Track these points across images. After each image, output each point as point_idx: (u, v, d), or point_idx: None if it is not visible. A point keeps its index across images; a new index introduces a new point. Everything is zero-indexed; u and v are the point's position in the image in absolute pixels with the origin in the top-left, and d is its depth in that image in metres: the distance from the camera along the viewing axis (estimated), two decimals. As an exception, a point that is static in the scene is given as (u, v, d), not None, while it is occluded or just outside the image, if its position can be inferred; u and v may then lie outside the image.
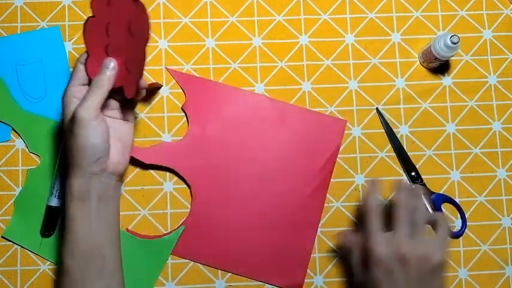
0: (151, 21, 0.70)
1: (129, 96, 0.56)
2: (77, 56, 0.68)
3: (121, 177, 0.60)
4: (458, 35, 0.64)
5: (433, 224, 0.60)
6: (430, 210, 0.65)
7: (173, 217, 0.66)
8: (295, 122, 0.67)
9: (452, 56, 0.66)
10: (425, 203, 0.65)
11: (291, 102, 0.69)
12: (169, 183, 0.67)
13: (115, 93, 0.58)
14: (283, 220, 0.66)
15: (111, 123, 0.59)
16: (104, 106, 0.57)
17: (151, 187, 0.67)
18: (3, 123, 0.67)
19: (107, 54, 0.57)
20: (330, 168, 0.67)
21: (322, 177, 0.66)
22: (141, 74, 0.55)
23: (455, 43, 0.64)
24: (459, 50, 0.65)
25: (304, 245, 0.65)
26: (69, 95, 0.57)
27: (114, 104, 0.60)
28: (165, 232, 0.66)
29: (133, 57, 0.55)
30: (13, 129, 0.67)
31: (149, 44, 0.53)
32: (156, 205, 0.67)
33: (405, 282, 0.55)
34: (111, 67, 0.56)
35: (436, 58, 0.66)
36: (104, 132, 0.55)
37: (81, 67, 0.58)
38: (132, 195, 0.67)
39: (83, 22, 0.57)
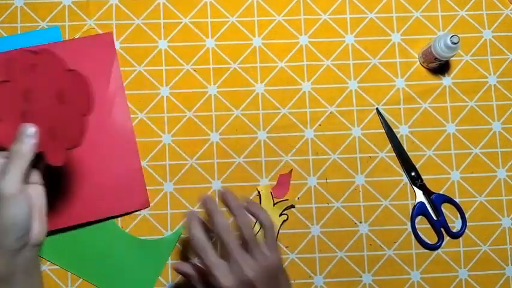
0: (152, 21, 0.70)
1: (55, 163, 0.52)
2: (77, 56, 0.68)
3: (42, 244, 0.53)
4: (458, 35, 0.64)
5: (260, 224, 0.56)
6: (237, 213, 0.55)
7: (173, 217, 0.66)
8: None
9: (452, 56, 0.66)
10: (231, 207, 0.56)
11: (291, 103, 0.69)
12: (169, 183, 0.67)
13: (36, 158, 0.52)
14: (101, 154, 0.66)
15: (30, 190, 0.52)
16: (26, 176, 0.51)
17: (152, 187, 0.67)
18: None
19: (23, 120, 0.52)
20: (119, 84, 0.67)
21: (117, 95, 0.67)
22: (74, 142, 0.52)
23: (455, 43, 0.64)
24: (459, 50, 0.65)
25: (131, 166, 0.66)
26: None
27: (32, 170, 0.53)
28: (165, 232, 0.66)
29: (63, 125, 0.52)
30: None
31: (149, 44, 0.52)
32: (156, 205, 0.67)
33: None
34: (31, 134, 0.51)
35: (436, 58, 0.66)
36: (28, 207, 0.50)
37: None
38: (132, 196, 0.67)
39: (83, 22, 0.57)
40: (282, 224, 0.66)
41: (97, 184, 0.66)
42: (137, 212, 0.66)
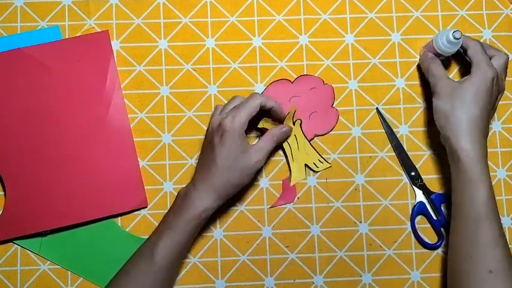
0: (152, 21, 0.70)
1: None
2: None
3: None
4: (460, 31, 0.63)
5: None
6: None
7: (173, 217, 0.66)
8: (60, 59, 0.67)
9: (454, 52, 0.65)
10: None
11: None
12: (169, 183, 0.67)
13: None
14: (99, 153, 0.66)
15: None
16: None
17: (151, 187, 0.67)
18: None
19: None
20: (116, 82, 0.67)
21: (114, 94, 0.67)
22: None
23: (457, 38, 0.63)
24: (460, 47, 0.65)
25: (130, 165, 0.66)
26: (244, 127, 0.60)
27: None
28: (165, 232, 0.66)
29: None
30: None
31: (149, 44, 0.52)
32: (156, 205, 0.67)
33: None
34: (258, 94, 0.63)
35: (436, 53, 0.66)
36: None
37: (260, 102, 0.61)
38: (132, 195, 0.67)
39: (83, 22, 0.57)
40: (297, 123, 0.68)
41: (94, 183, 0.66)
42: (137, 212, 0.66)
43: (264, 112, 0.64)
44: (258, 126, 0.66)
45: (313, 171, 0.67)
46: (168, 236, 0.58)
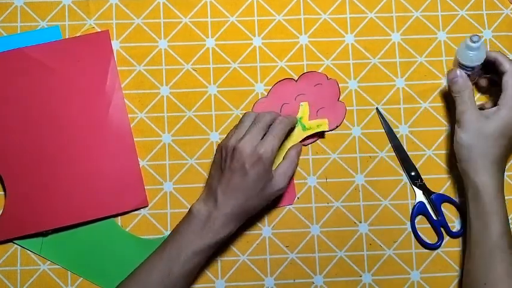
0: (152, 20, 0.70)
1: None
2: (77, 55, 0.68)
3: None
4: (478, 35, 0.62)
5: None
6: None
7: (173, 217, 0.66)
8: (60, 59, 0.67)
9: (479, 62, 0.62)
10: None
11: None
12: (169, 183, 0.67)
13: None
14: (99, 153, 0.66)
15: None
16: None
17: (152, 187, 0.67)
18: None
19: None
20: (116, 82, 0.67)
21: (114, 94, 0.67)
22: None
23: (474, 42, 0.61)
24: (484, 53, 0.62)
25: (130, 165, 0.66)
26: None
27: None
28: (165, 232, 0.66)
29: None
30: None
31: (149, 44, 0.53)
32: (156, 205, 0.67)
33: None
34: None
35: (461, 65, 0.63)
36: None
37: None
38: (132, 195, 0.67)
39: (83, 22, 0.57)
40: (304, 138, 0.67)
41: (94, 183, 0.66)
42: (137, 212, 0.66)
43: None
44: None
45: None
46: (188, 257, 0.58)
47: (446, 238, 0.67)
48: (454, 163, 0.69)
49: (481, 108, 0.64)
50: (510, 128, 0.60)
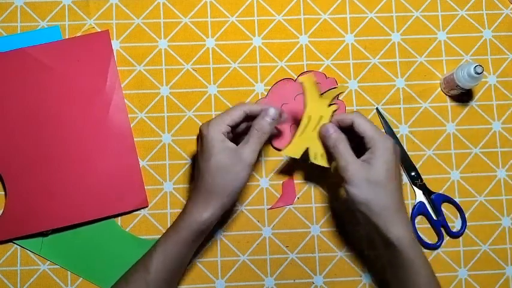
0: (152, 20, 0.70)
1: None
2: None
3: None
4: (482, 66, 0.63)
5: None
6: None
7: (173, 217, 0.66)
8: (60, 59, 0.67)
9: (475, 85, 0.65)
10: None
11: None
12: (169, 183, 0.67)
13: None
14: (99, 153, 0.66)
15: None
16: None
17: (151, 187, 0.67)
18: None
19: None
20: (116, 82, 0.67)
21: (114, 94, 0.67)
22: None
23: (478, 73, 0.63)
24: (482, 80, 0.64)
25: (130, 165, 0.66)
26: (221, 130, 0.58)
27: None
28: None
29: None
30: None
31: (149, 44, 0.53)
32: (156, 205, 0.67)
33: None
34: (272, 114, 0.60)
35: (457, 86, 0.65)
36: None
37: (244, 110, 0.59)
38: (132, 195, 0.67)
39: (83, 22, 0.57)
40: (332, 114, 0.63)
41: (94, 183, 0.66)
42: (137, 212, 0.66)
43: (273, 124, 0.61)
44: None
45: (308, 160, 0.63)
46: (162, 249, 0.58)
47: (446, 238, 0.67)
48: (454, 163, 0.69)
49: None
50: (393, 168, 0.57)
